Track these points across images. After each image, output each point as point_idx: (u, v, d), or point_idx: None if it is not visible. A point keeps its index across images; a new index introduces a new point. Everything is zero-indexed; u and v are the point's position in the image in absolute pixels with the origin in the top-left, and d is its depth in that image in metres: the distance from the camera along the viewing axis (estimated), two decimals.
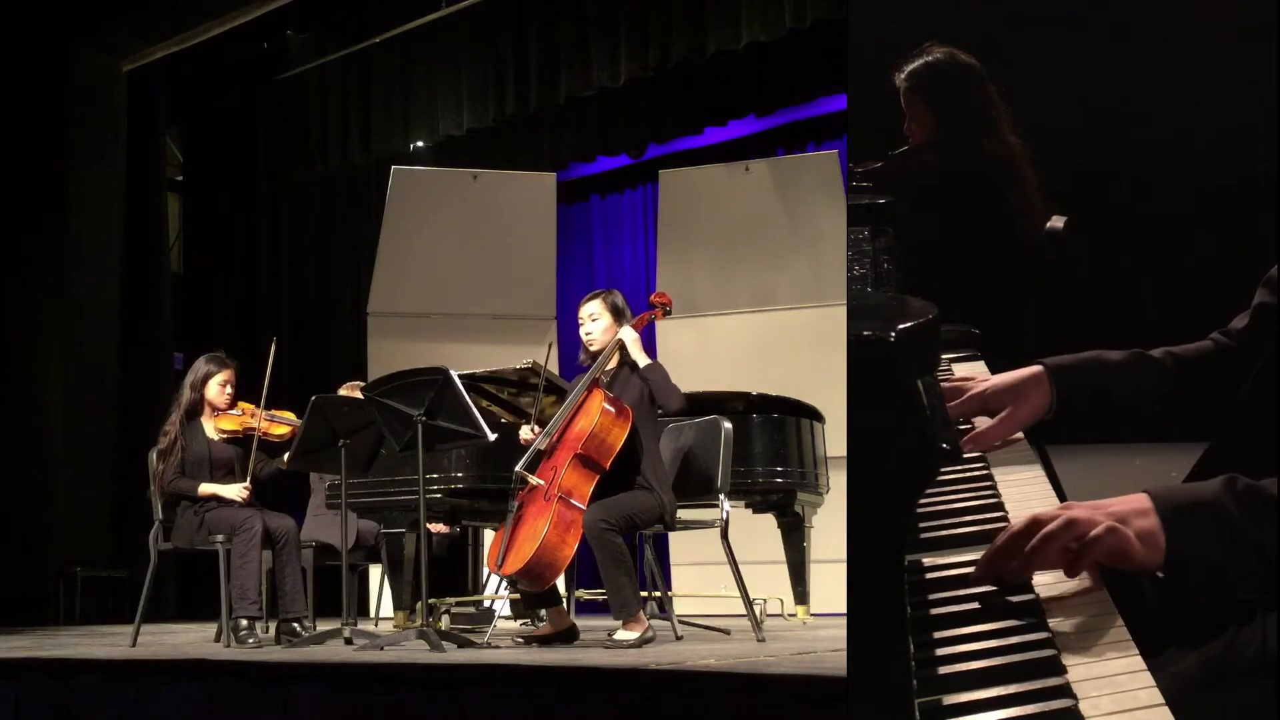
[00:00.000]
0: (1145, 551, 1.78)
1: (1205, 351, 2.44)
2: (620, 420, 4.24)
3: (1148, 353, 2.48)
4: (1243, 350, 2.34)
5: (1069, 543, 1.81)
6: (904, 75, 3.64)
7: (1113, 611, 1.84)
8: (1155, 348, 2.49)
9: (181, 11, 8.59)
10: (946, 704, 1.64)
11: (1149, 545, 1.78)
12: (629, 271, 9.77)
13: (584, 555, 4.25)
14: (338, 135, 9.06)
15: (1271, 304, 2.26)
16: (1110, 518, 1.80)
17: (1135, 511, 1.81)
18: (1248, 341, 2.33)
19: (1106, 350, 2.52)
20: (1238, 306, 2.40)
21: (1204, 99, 3.27)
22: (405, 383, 4.33)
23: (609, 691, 2.80)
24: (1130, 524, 1.79)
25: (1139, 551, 1.78)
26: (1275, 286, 2.25)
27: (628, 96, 8.39)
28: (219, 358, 5.14)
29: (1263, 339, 2.24)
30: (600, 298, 4.48)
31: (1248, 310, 2.35)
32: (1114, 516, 1.80)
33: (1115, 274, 3.49)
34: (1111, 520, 1.79)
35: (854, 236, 3.18)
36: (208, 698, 3.48)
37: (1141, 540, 1.78)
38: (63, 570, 8.16)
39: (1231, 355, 2.38)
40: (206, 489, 4.90)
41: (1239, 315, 2.39)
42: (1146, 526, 1.79)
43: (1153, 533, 1.78)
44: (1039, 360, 2.56)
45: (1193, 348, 2.46)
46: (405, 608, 5.29)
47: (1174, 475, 2.34)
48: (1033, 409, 2.54)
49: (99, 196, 8.78)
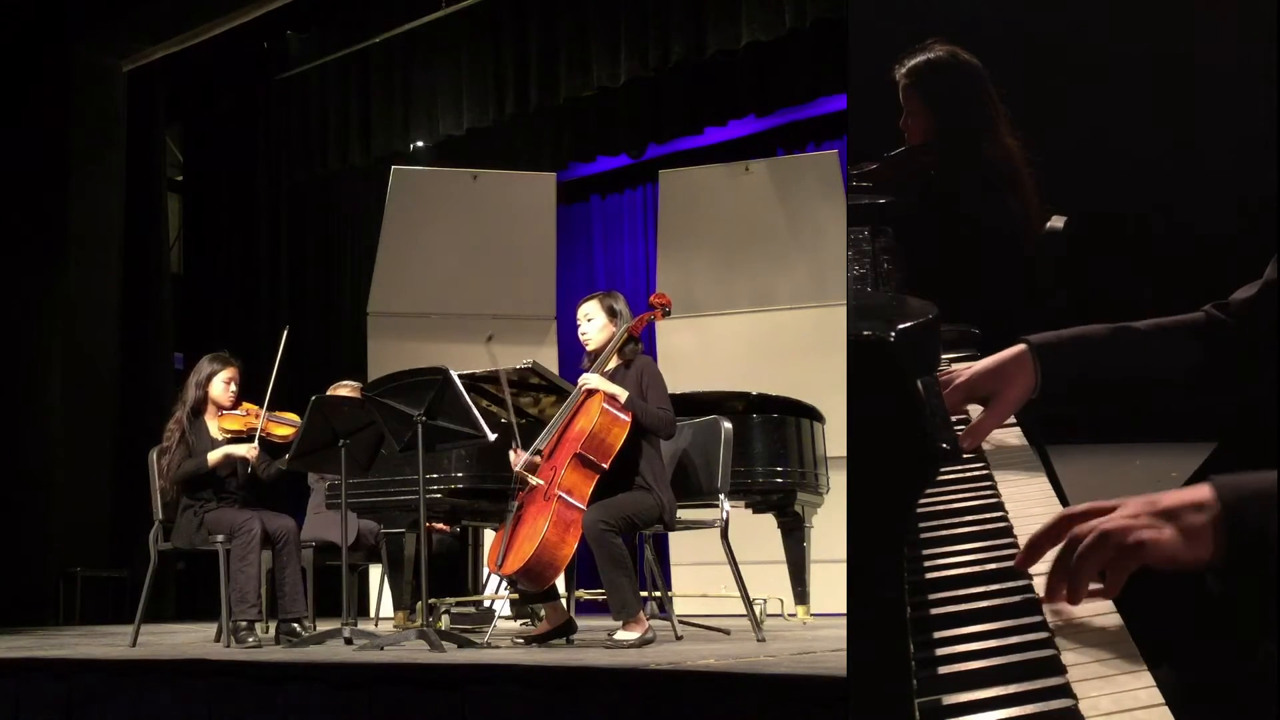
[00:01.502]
0: (1190, 548, 1.71)
1: (1197, 324, 2.39)
2: (620, 420, 4.24)
3: (1134, 325, 2.44)
4: (1241, 325, 2.29)
5: (1106, 556, 1.76)
6: (904, 71, 3.63)
7: (1113, 611, 1.84)
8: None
9: (181, 11, 8.59)
10: (946, 704, 1.64)
11: (1197, 541, 1.71)
12: (629, 271, 9.77)
13: (584, 555, 4.25)
14: (338, 135, 9.05)
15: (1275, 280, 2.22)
16: (1158, 517, 1.74)
17: (1189, 505, 1.73)
18: (1246, 315, 2.28)
19: (1092, 326, 2.48)
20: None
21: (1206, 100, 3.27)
22: (405, 383, 4.34)
23: (609, 691, 2.80)
24: (1180, 519, 1.73)
25: (1182, 550, 1.71)
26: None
27: (628, 96, 8.39)
28: (223, 356, 5.14)
29: (1265, 316, 2.20)
30: (596, 298, 4.49)
31: (1254, 283, 2.30)
32: (1163, 514, 1.74)
33: (1115, 274, 3.49)
34: (1154, 520, 1.74)
35: (854, 236, 3.18)
36: (208, 698, 3.48)
37: (1187, 536, 1.72)
38: (63, 570, 8.17)
39: (1224, 329, 2.34)
40: (215, 455, 4.89)
41: (1242, 288, 2.33)
42: (1196, 521, 1.72)
43: (1203, 527, 1.71)
44: (1022, 338, 2.53)
45: (1184, 319, 2.40)
46: (405, 608, 5.30)
47: (1174, 475, 2.33)
48: (1020, 390, 2.48)
49: (99, 197, 8.78)
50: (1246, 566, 1.70)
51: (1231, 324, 2.33)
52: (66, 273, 8.60)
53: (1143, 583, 1.81)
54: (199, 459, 4.90)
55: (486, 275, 8.46)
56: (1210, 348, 2.34)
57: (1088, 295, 3.52)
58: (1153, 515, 1.76)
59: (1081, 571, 1.78)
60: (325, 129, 9.15)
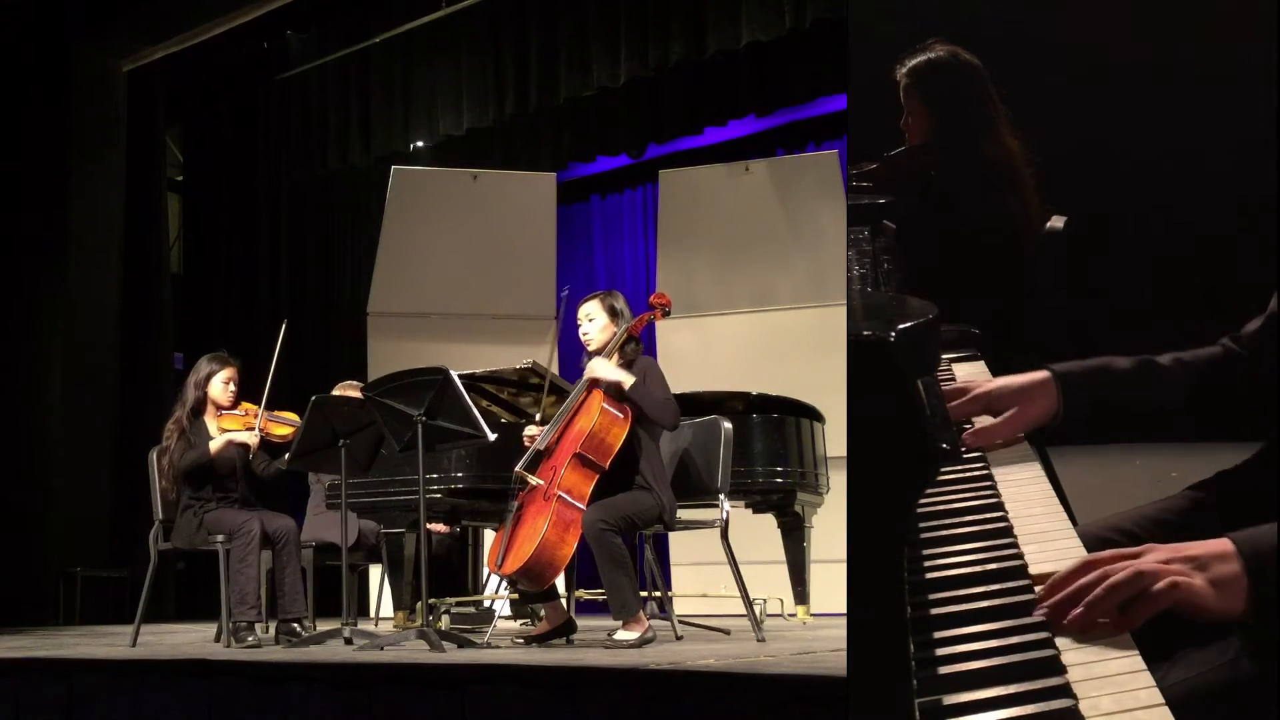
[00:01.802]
0: (1221, 599, 1.70)
1: (1215, 358, 2.41)
2: (620, 420, 4.24)
3: (1156, 359, 2.46)
4: (1255, 358, 2.31)
5: (1134, 594, 1.75)
6: (905, 71, 3.64)
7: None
8: (1157, 349, 2.47)
9: (181, 11, 8.58)
10: (946, 704, 1.64)
11: (1228, 592, 1.71)
12: (629, 271, 9.77)
13: (584, 555, 4.25)
14: (338, 135, 9.06)
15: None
16: (1187, 564, 1.73)
17: (1215, 556, 1.73)
18: (1259, 348, 2.30)
19: (1115, 357, 2.50)
20: (1240, 307, 2.39)
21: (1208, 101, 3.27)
22: (405, 383, 4.33)
23: (609, 691, 2.80)
24: (1210, 570, 1.72)
25: (1213, 600, 1.71)
26: None
27: (628, 96, 8.39)
28: (221, 356, 5.14)
29: (1268, 349, 2.21)
30: (597, 298, 4.49)
31: (1261, 315, 2.31)
32: (1192, 562, 1.74)
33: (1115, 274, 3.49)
34: (1185, 568, 1.73)
35: (854, 236, 3.18)
36: (208, 698, 3.48)
37: (1218, 587, 1.71)
38: (63, 570, 8.17)
39: (1242, 363, 2.35)
40: (216, 443, 4.89)
41: (1252, 320, 2.35)
42: (1227, 572, 1.71)
43: (1234, 578, 1.70)
44: (1047, 365, 2.55)
45: (1203, 354, 2.43)
46: (405, 608, 5.29)
47: (1174, 475, 2.34)
48: (1038, 413, 2.53)
49: (99, 197, 8.78)
50: (1272, 623, 1.69)
51: (1245, 356, 2.34)
52: (66, 273, 8.60)
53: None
54: (200, 449, 4.90)
55: (486, 275, 8.46)
56: (1231, 382, 2.34)
57: (1088, 295, 3.52)
58: (1183, 562, 1.75)
59: (1105, 602, 1.77)
60: (325, 129, 9.15)
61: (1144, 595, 1.74)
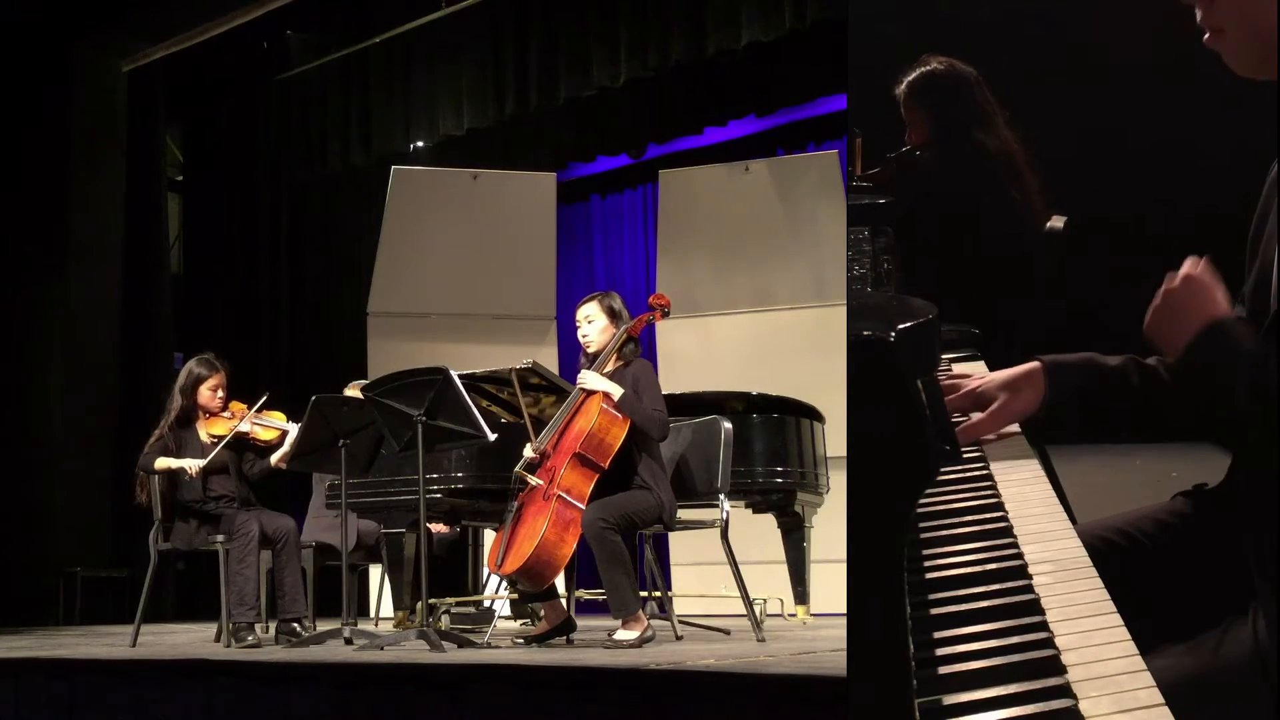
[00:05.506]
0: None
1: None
2: (619, 420, 4.24)
3: (1143, 360, 2.47)
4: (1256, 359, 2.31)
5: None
6: (904, 86, 3.67)
7: (1113, 611, 1.84)
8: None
9: (181, 11, 8.58)
10: (946, 704, 1.64)
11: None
12: (629, 271, 9.76)
13: (584, 555, 4.25)
14: (338, 135, 9.05)
15: None
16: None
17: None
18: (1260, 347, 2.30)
19: (1102, 354, 2.52)
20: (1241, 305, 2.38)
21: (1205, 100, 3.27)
22: (405, 383, 4.34)
23: (609, 691, 2.80)
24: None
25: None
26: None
27: (628, 96, 8.38)
28: (208, 360, 5.12)
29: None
30: (596, 299, 4.49)
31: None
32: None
33: (1115, 274, 3.49)
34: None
35: (854, 236, 3.18)
36: (208, 698, 3.48)
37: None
38: (63, 570, 8.17)
39: (1230, 370, 2.35)
40: (162, 464, 4.90)
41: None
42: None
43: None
44: (1037, 356, 2.57)
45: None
46: (405, 608, 5.29)
47: (1174, 475, 2.34)
48: (1025, 403, 2.56)
49: (99, 196, 8.78)
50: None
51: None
52: (66, 273, 8.60)
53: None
54: (150, 457, 4.93)
55: (486, 275, 8.46)
56: (1218, 385, 2.34)
57: (1088, 295, 3.53)
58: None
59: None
60: (325, 129, 9.14)
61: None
